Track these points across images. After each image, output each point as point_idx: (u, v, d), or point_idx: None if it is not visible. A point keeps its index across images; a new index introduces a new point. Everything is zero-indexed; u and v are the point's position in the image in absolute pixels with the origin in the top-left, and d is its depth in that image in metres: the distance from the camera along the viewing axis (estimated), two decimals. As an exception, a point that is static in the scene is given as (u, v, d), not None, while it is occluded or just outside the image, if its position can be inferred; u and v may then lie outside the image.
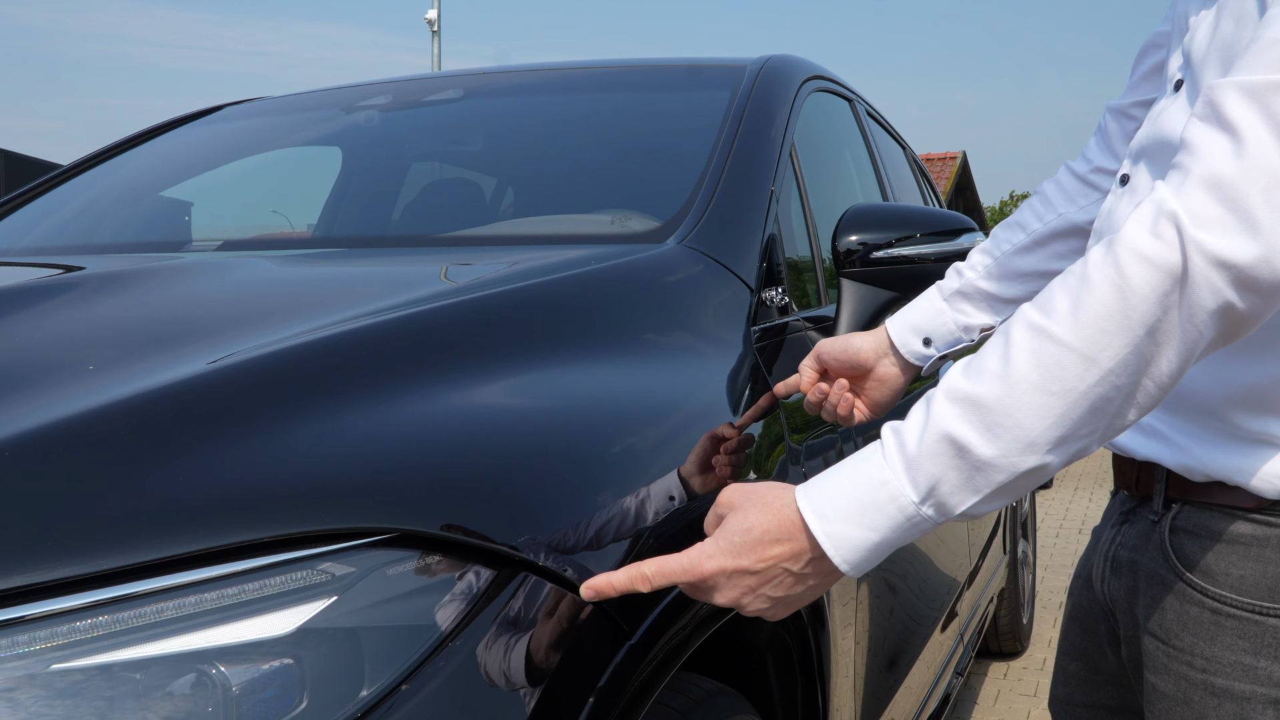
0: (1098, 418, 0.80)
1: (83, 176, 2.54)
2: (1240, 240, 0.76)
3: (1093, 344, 0.78)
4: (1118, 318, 0.78)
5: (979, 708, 3.68)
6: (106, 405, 0.90)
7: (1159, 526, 1.01)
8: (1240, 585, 0.94)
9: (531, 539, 0.95)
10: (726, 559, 0.88)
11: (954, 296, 1.33)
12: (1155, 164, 0.96)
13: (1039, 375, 0.79)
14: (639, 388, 1.31)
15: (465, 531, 0.91)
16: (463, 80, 2.58)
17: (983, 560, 3.18)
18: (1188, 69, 0.94)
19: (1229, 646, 0.94)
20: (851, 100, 2.85)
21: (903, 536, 0.85)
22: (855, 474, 0.86)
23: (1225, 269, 0.76)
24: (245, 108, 2.76)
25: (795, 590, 0.88)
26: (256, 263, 1.67)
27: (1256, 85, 0.77)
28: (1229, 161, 0.77)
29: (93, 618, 0.77)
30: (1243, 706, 0.94)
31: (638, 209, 1.91)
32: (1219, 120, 0.78)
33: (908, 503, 0.83)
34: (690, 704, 1.17)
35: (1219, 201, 0.76)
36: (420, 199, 2.31)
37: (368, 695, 0.81)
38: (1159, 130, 0.95)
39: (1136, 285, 0.77)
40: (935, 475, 0.82)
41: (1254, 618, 0.93)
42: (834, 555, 0.85)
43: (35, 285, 1.39)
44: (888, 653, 1.96)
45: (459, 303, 1.28)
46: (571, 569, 0.96)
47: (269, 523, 0.84)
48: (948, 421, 0.82)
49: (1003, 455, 0.80)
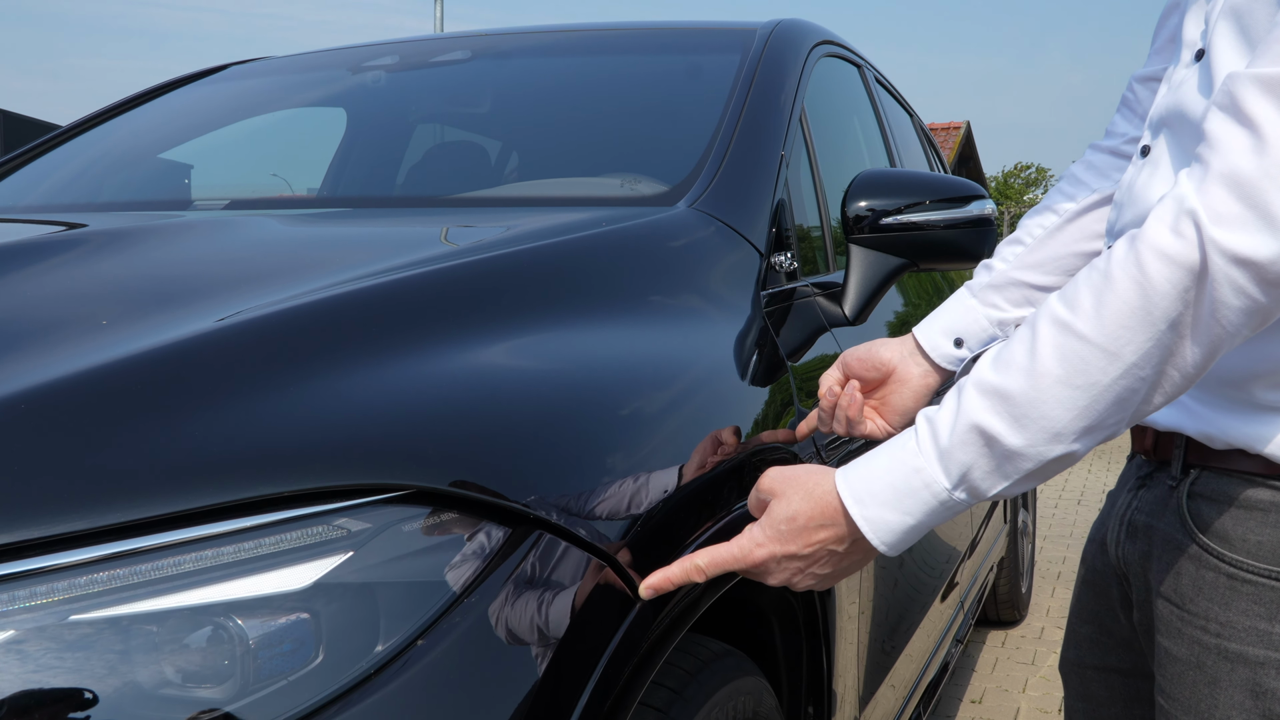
0: (1123, 408, 0.83)
1: (85, 136, 2.52)
2: (1261, 237, 0.77)
3: (1115, 339, 0.81)
4: (1139, 314, 0.80)
5: (977, 675, 3.70)
6: (121, 359, 0.90)
7: (1176, 492, 1.01)
8: (1257, 551, 0.94)
9: (545, 498, 0.94)
10: (775, 546, 0.96)
11: (985, 291, 1.29)
12: (1175, 135, 0.95)
13: (1064, 370, 0.82)
14: (649, 350, 1.30)
15: (480, 489, 0.90)
16: (470, 41, 2.55)
17: (983, 530, 3.19)
18: (1208, 36, 0.92)
19: (1244, 612, 0.94)
20: (860, 66, 2.83)
21: (936, 518, 0.91)
22: (891, 461, 0.91)
23: (1245, 266, 0.77)
24: (249, 67, 2.74)
25: (840, 566, 0.96)
26: (263, 221, 1.67)
27: (1275, 78, 0.77)
28: (1249, 158, 0.77)
29: (110, 570, 0.77)
30: (1256, 672, 0.94)
31: (647, 172, 1.90)
32: (1238, 114, 0.78)
33: (941, 489, 0.89)
34: (699, 664, 1.18)
35: (1238, 199, 0.77)
36: (426, 161, 2.30)
37: (383, 650, 0.82)
38: (1179, 101, 0.94)
39: (1157, 282, 0.79)
40: (966, 464, 0.87)
41: (1270, 583, 0.93)
42: (873, 538, 0.91)
43: (40, 241, 1.38)
44: (890, 620, 1.97)
45: (470, 263, 1.27)
46: (585, 528, 0.96)
47: (285, 478, 0.83)
48: (977, 413, 0.86)
49: (1030, 445, 0.85)
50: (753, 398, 1.43)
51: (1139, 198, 0.98)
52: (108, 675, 0.75)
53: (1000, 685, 3.61)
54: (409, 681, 0.81)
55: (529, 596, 0.89)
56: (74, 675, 0.75)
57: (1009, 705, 3.44)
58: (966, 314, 1.29)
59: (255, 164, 2.73)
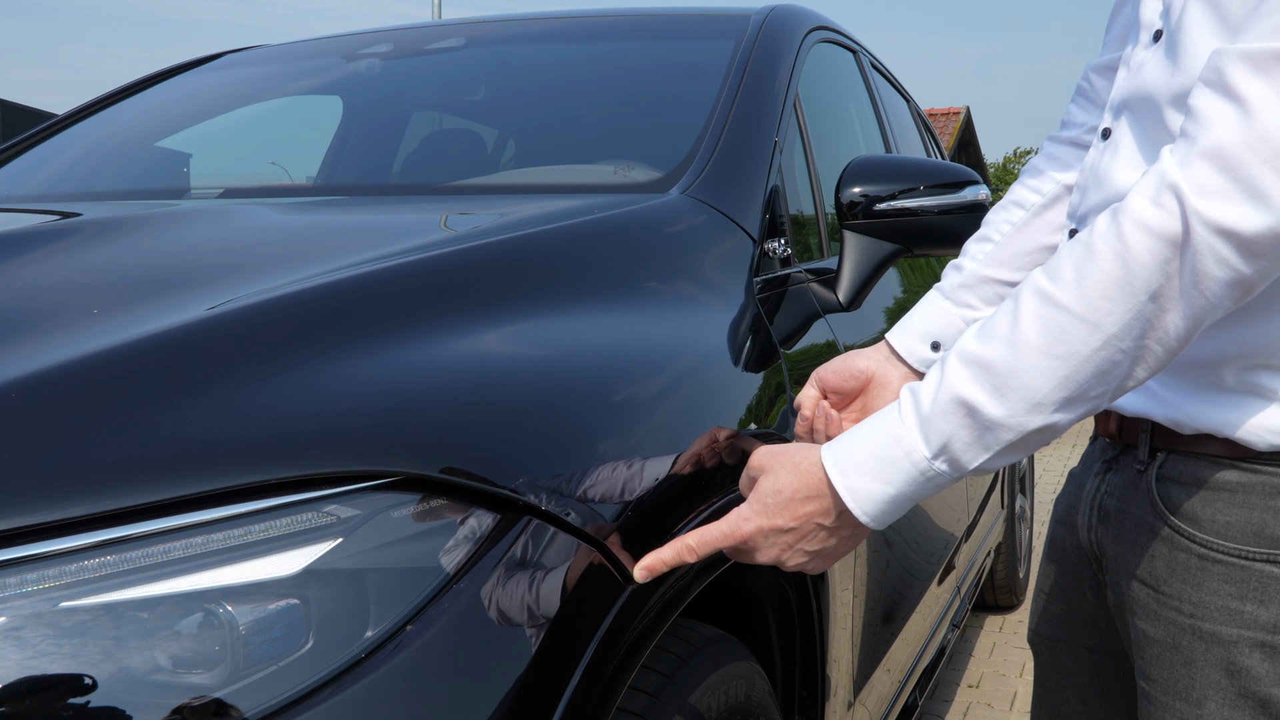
0: (1104, 380, 0.84)
1: (81, 125, 2.52)
2: (1244, 209, 0.77)
3: (1096, 310, 0.82)
4: (1120, 284, 0.81)
5: (974, 660, 3.72)
6: (111, 348, 0.90)
7: (1145, 475, 1.01)
8: (1226, 531, 0.95)
9: (534, 483, 0.95)
10: (763, 519, 0.95)
11: (958, 291, 1.26)
12: (1136, 116, 0.96)
13: (1044, 339, 0.84)
14: (641, 336, 1.31)
15: (469, 475, 0.91)
16: (465, 29, 2.55)
17: (980, 514, 3.19)
18: (1168, 17, 0.92)
19: (1216, 591, 0.95)
20: (856, 52, 2.83)
21: (919, 490, 0.91)
22: (873, 432, 0.92)
23: (1228, 237, 0.78)
24: (245, 55, 2.73)
25: (830, 543, 0.95)
26: (256, 210, 1.67)
27: (1261, 53, 0.78)
28: (1233, 131, 0.78)
29: (100, 557, 0.78)
30: (1229, 650, 0.95)
31: (640, 159, 1.90)
32: (1225, 89, 0.79)
33: (921, 458, 0.89)
34: (690, 649, 1.18)
35: (1221, 172, 0.78)
36: (422, 149, 2.30)
37: (372, 636, 0.82)
38: (1141, 84, 0.94)
39: (1138, 253, 0.80)
40: (947, 433, 0.88)
41: (1240, 562, 0.94)
42: (855, 508, 0.92)
43: (34, 230, 1.38)
44: (885, 604, 1.98)
45: (462, 250, 1.27)
46: (574, 513, 0.97)
47: (275, 465, 0.84)
48: (959, 383, 0.87)
49: (1010, 415, 0.85)
50: (745, 384, 1.43)
51: (1102, 180, 0.99)
52: (99, 661, 0.76)
53: (998, 670, 3.62)
54: (398, 666, 0.81)
55: (518, 582, 0.90)
56: (65, 661, 0.75)
57: (1006, 690, 3.45)
58: (941, 317, 1.26)
59: (251, 152, 2.73)
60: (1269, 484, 0.93)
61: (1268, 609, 0.93)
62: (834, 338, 1.81)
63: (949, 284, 1.28)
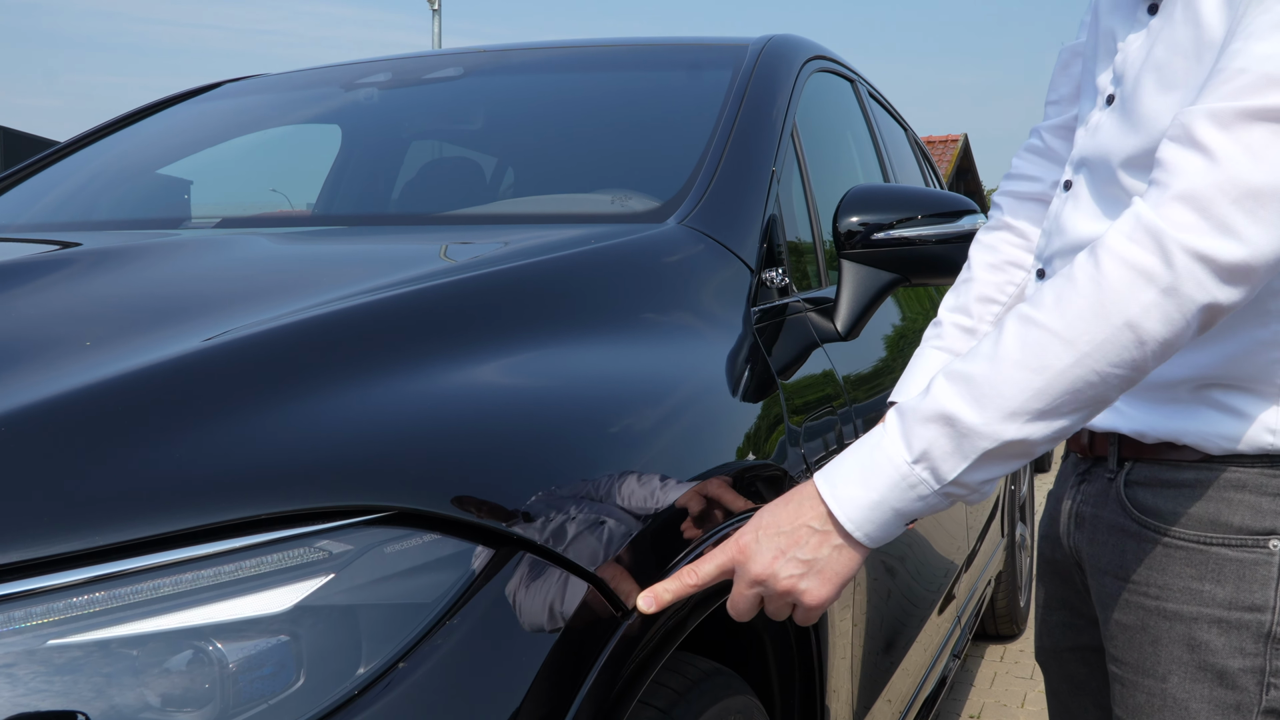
0: (1076, 397, 0.92)
1: (80, 153, 2.52)
2: (1217, 240, 0.87)
3: (1071, 329, 0.90)
4: (1096, 308, 0.90)
5: (976, 690, 3.69)
6: (103, 381, 0.90)
7: (1115, 482, 1.12)
8: (1186, 521, 1.06)
9: (529, 518, 0.94)
10: (756, 524, 1.02)
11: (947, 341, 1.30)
12: (1094, 173, 1.08)
13: (1022, 354, 0.92)
14: (638, 368, 1.30)
15: (463, 509, 0.90)
16: (462, 58, 2.56)
17: (980, 543, 3.18)
18: (1120, 84, 1.06)
19: (1178, 574, 1.06)
20: (853, 81, 2.84)
21: (901, 498, 0.96)
22: (860, 446, 1.00)
23: (1207, 263, 0.87)
24: (244, 85, 2.74)
25: (821, 552, 0.99)
26: (254, 240, 1.67)
27: (1224, 111, 0.88)
28: (1202, 176, 0.88)
29: (89, 594, 0.77)
30: (1190, 626, 1.05)
31: (638, 189, 1.90)
32: (1192, 142, 0.89)
33: (901, 462, 0.96)
34: (688, 684, 1.17)
35: (1195, 211, 0.88)
36: (420, 178, 2.30)
37: (364, 673, 0.81)
38: (1098, 144, 1.07)
39: (1113, 282, 0.89)
40: (928, 439, 0.94)
41: (1198, 547, 1.05)
42: (839, 513, 0.98)
43: (30, 261, 1.38)
44: (885, 634, 1.97)
45: (458, 281, 1.27)
46: (570, 547, 0.96)
47: (266, 500, 0.83)
48: (942, 395, 0.95)
49: (986, 423, 0.93)
50: (743, 415, 1.43)
51: (1064, 227, 1.11)
52: (89, 699, 0.75)
53: (999, 700, 3.60)
54: (391, 704, 0.80)
55: (513, 617, 0.89)
56: (55, 699, 0.74)
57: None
58: (936, 358, 1.29)
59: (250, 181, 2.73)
60: (1222, 480, 1.04)
61: (1223, 587, 1.04)
62: (832, 367, 1.80)
63: (933, 337, 1.32)
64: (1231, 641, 1.04)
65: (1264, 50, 0.88)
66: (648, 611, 1.01)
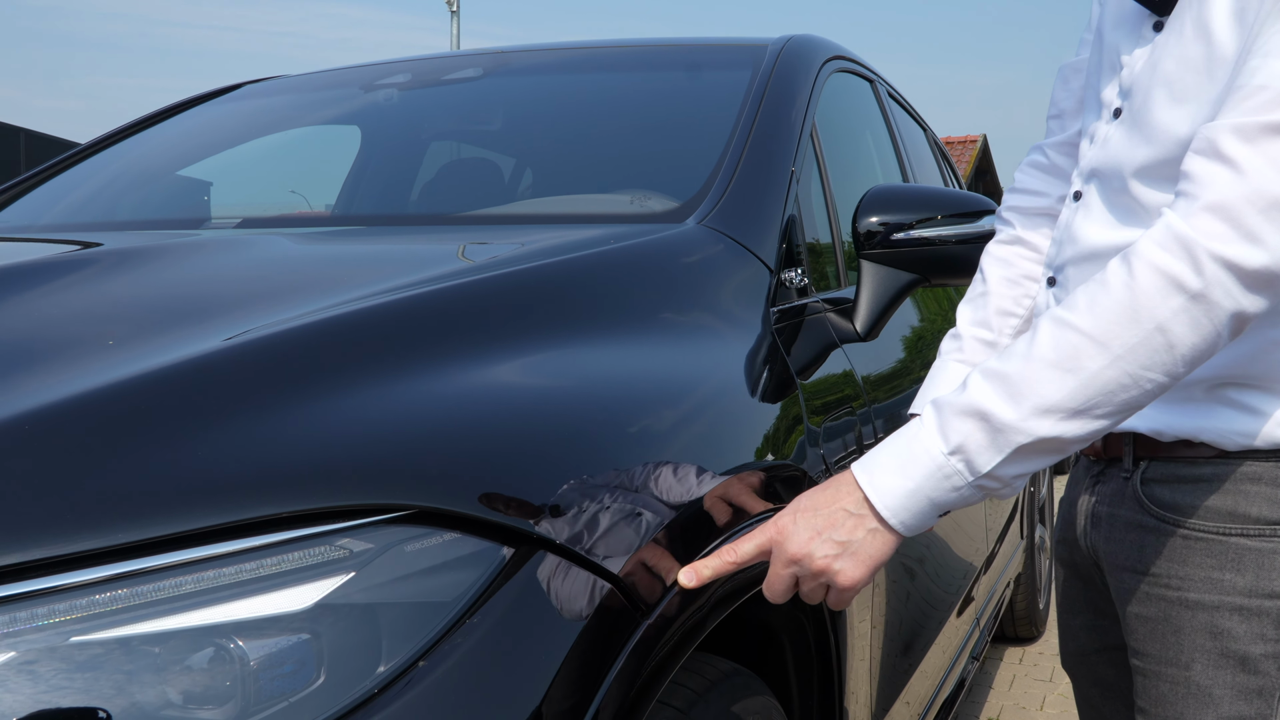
0: (1110, 399, 0.95)
1: (101, 155, 2.54)
2: (1245, 248, 0.91)
3: (1105, 333, 0.94)
4: (1129, 312, 0.94)
5: (994, 692, 3.68)
6: (124, 380, 0.90)
7: (1131, 481, 1.15)
8: (1205, 514, 1.10)
9: (549, 517, 0.94)
10: (795, 506, 1.06)
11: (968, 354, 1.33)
12: (1105, 183, 1.12)
13: (1057, 355, 0.96)
14: (657, 368, 1.30)
15: (483, 508, 0.90)
16: (481, 59, 2.56)
17: (999, 545, 3.16)
18: (1128, 98, 1.10)
19: (1198, 565, 1.10)
20: (873, 81, 2.83)
21: (937, 488, 1.00)
22: (899, 438, 1.03)
23: (1233, 270, 0.91)
24: (264, 86, 2.75)
25: (856, 535, 1.02)
26: (274, 240, 1.67)
27: (1248, 126, 0.93)
28: (1231, 188, 0.92)
29: (111, 591, 0.77)
30: (1212, 615, 1.09)
31: (657, 189, 1.90)
32: (1218, 155, 0.94)
33: (938, 453, 0.99)
34: (707, 684, 1.17)
35: (1224, 221, 0.92)
36: (439, 178, 2.30)
37: (385, 671, 0.81)
38: (1108, 156, 1.11)
39: (1145, 287, 0.93)
40: (964, 433, 0.98)
41: (1218, 538, 1.09)
42: (876, 500, 1.01)
43: (53, 261, 1.39)
44: (904, 636, 1.96)
45: (477, 280, 1.27)
46: (590, 546, 0.96)
47: (287, 498, 0.83)
48: (977, 391, 0.99)
49: (1021, 419, 0.96)
50: (762, 415, 1.42)
51: (1076, 236, 1.14)
52: (109, 696, 0.75)
53: (1018, 703, 3.58)
54: (410, 702, 0.80)
55: (532, 616, 0.89)
56: (76, 696, 0.75)
57: (1027, 722, 3.41)
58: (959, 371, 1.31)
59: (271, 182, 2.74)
60: (1238, 474, 1.08)
61: (1243, 575, 1.08)
62: (851, 368, 1.80)
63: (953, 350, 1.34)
64: (1253, 628, 1.07)
65: None
66: (688, 586, 1.03)
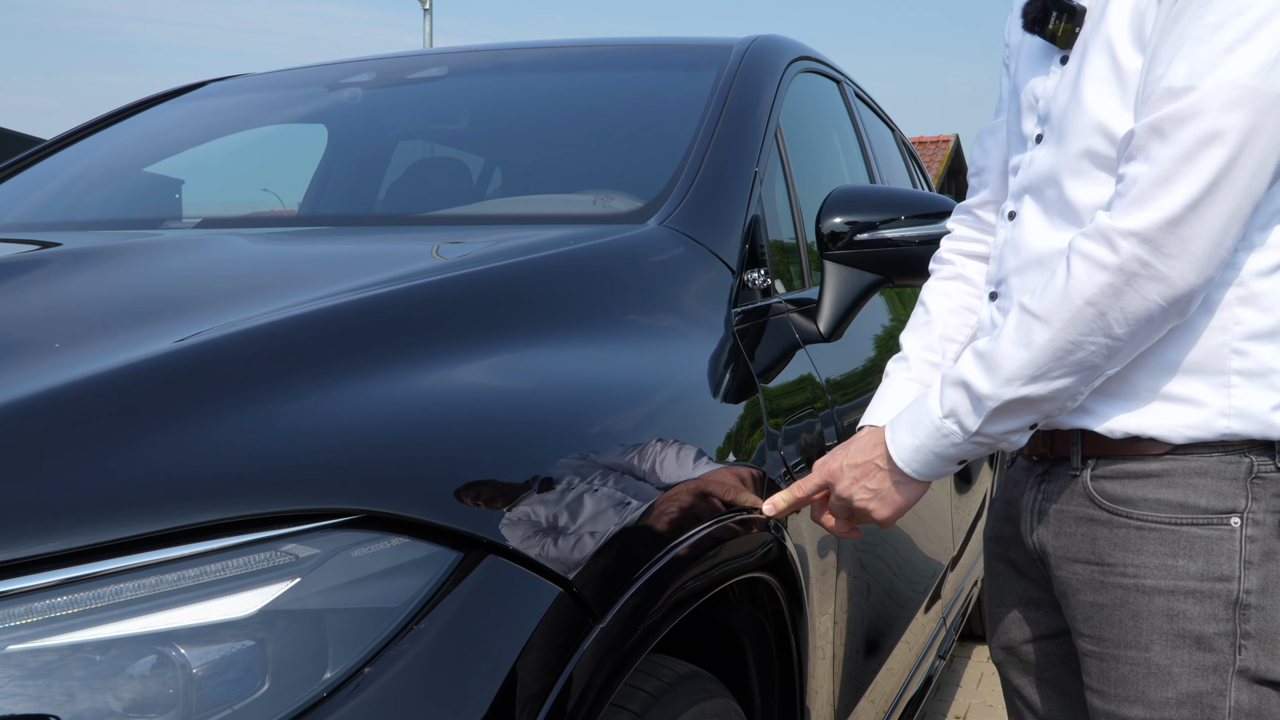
0: (1061, 362, 1.13)
1: (64, 152, 2.51)
2: (1144, 213, 1.06)
3: (1047, 312, 1.13)
4: (1064, 293, 1.12)
5: (962, 690, 3.69)
6: (68, 384, 0.89)
7: (1080, 479, 1.24)
8: (1157, 506, 1.19)
9: (499, 520, 0.94)
10: (841, 452, 1.31)
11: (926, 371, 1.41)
12: (1038, 193, 1.25)
13: (1016, 334, 1.15)
14: (617, 369, 1.30)
15: (432, 512, 0.90)
16: (447, 58, 2.55)
17: (967, 543, 3.18)
18: (1046, 123, 1.25)
19: (1152, 554, 1.18)
20: (840, 81, 2.83)
21: (938, 444, 1.22)
22: (914, 402, 1.27)
23: (1138, 236, 1.07)
24: (229, 84, 2.73)
25: (885, 485, 1.28)
26: (232, 240, 1.66)
27: (1158, 120, 1.08)
28: (1145, 179, 1.07)
29: (51, 599, 0.76)
30: (1168, 599, 1.17)
31: (621, 189, 1.90)
32: (1138, 153, 1.09)
33: (935, 416, 1.22)
34: (663, 687, 1.17)
35: (1134, 205, 1.08)
36: (405, 178, 2.29)
37: (331, 677, 0.81)
38: (1035, 171, 1.26)
39: (1074, 270, 1.11)
40: (953, 400, 1.20)
41: (1170, 527, 1.18)
42: (894, 454, 1.25)
43: (5, 261, 1.38)
44: (868, 634, 1.96)
45: (435, 282, 1.27)
46: (540, 550, 0.96)
47: (232, 503, 0.83)
48: (964, 366, 1.20)
49: (994, 388, 1.16)
50: (721, 417, 1.42)
51: (1018, 246, 1.27)
52: (49, 705, 0.74)
53: (985, 700, 3.60)
54: (356, 709, 0.80)
55: (481, 621, 0.89)
56: (13, 704, 0.74)
57: (994, 720, 3.43)
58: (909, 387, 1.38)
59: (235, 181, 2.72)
60: (1187, 467, 1.18)
61: (1194, 561, 1.17)
62: (813, 369, 1.80)
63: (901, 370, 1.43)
64: (1206, 609, 1.16)
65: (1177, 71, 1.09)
66: (770, 515, 1.33)
